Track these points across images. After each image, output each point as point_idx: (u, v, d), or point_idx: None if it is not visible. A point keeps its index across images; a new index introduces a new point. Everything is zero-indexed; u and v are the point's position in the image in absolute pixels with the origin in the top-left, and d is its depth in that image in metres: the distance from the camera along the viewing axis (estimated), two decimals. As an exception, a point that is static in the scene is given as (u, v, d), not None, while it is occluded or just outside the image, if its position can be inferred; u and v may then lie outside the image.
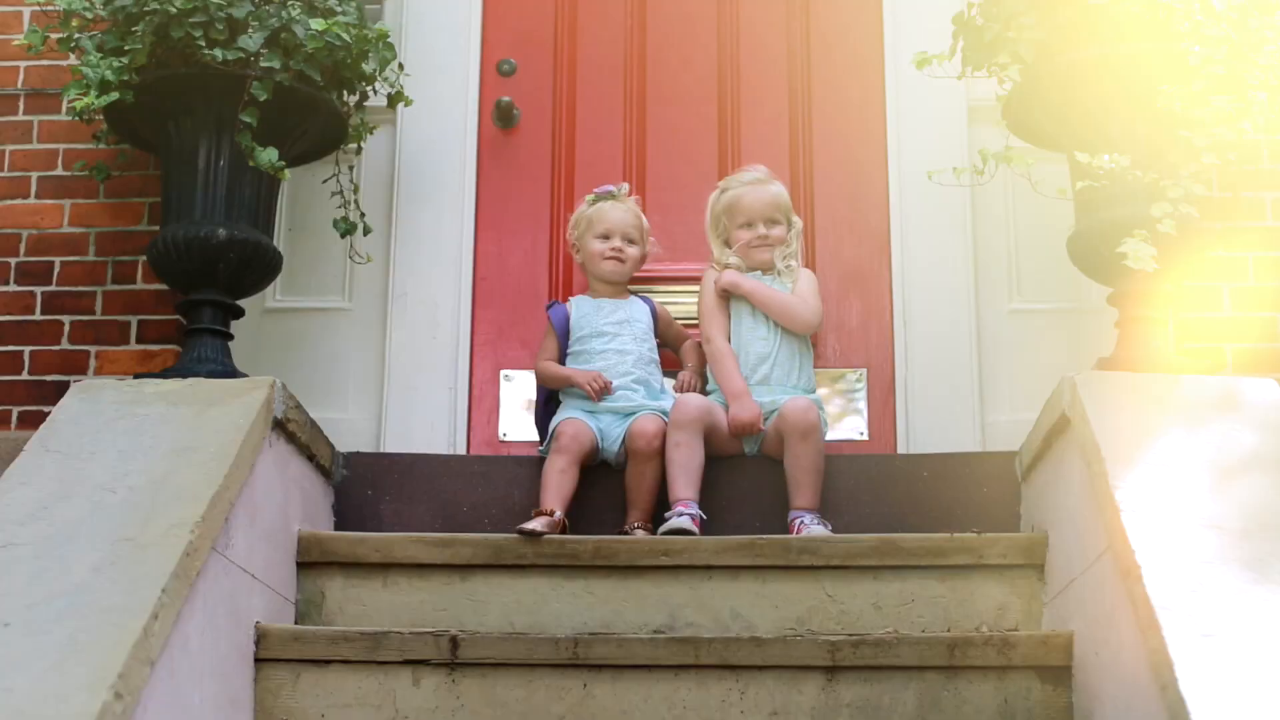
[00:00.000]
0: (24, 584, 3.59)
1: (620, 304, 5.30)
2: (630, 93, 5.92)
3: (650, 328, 5.29)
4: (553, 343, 5.26)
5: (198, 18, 4.74)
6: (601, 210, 5.32)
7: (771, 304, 5.17)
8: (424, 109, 5.67)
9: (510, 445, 5.52)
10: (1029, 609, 4.43)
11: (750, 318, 5.20)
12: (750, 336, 5.18)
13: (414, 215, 5.72)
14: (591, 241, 5.31)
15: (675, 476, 4.85)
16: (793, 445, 4.88)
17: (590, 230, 5.32)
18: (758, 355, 5.14)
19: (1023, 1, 4.75)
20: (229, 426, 4.27)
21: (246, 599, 4.17)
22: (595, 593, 4.49)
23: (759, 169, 5.37)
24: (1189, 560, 3.52)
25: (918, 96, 5.64)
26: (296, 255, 5.63)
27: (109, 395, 4.48)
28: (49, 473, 4.09)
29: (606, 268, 5.30)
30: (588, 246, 5.32)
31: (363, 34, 5.04)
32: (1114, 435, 4.01)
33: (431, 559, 4.56)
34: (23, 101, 5.54)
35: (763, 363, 5.13)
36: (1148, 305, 4.71)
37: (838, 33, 5.90)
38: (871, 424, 5.52)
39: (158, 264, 4.94)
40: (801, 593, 4.46)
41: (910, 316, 5.55)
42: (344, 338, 5.68)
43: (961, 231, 5.57)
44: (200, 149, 4.91)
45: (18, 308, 5.35)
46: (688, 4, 5.98)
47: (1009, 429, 5.26)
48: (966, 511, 4.87)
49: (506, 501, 4.99)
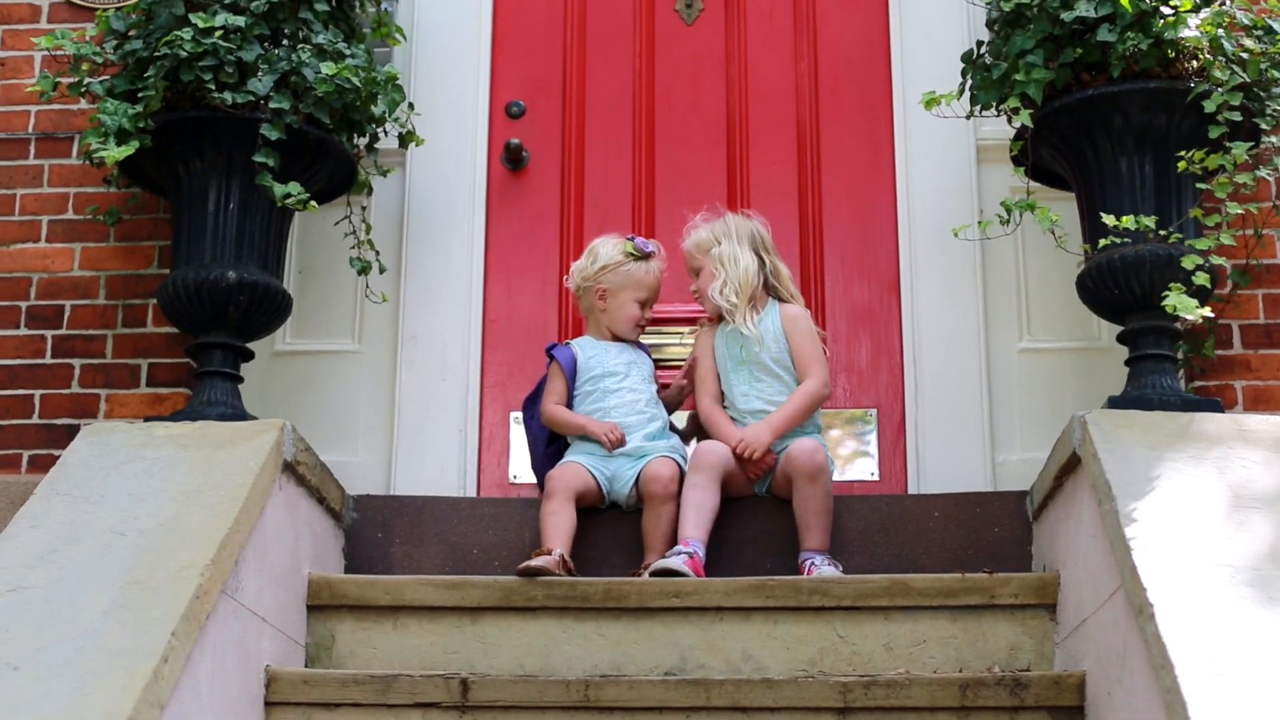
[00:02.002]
0: (34, 627, 3.59)
1: (624, 347, 5.28)
2: (639, 134, 5.93)
3: (652, 372, 5.29)
4: (560, 385, 5.21)
5: (208, 61, 4.77)
6: (647, 273, 5.26)
7: (796, 418, 5.06)
8: (433, 151, 5.69)
9: (521, 487, 5.50)
10: (1041, 649, 4.41)
11: (749, 379, 5.15)
12: (751, 392, 5.14)
13: (423, 257, 5.73)
14: (629, 304, 5.25)
15: (686, 516, 4.83)
16: (801, 487, 4.86)
17: (630, 289, 5.25)
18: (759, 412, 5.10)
19: (1030, 40, 4.76)
20: (239, 469, 4.27)
21: (256, 642, 4.16)
22: (606, 635, 4.47)
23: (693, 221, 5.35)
24: (1202, 599, 3.51)
25: (926, 136, 5.64)
26: (306, 298, 5.64)
27: (119, 438, 4.48)
28: (59, 516, 4.09)
29: (635, 335, 5.30)
30: (623, 305, 5.24)
31: (372, 77, 5.06)
32: (1125, 473, 4.00)
33: (442, 601, 4.55)
34: (33, 145, 5.57)
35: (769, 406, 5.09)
36: (1158, 343, 4.70)
37: (846, 73, 5.91)
38: (882, 464, 5.51)
39: (168, 307, 4.95)
40: (813, 634, 4.44)
41: (920, 356, 5.55)
42: (354, 380, 5.68)
43: (971, 270, 5.56)
44: (210, 192, 4.92)
45: (28, 351, 5.36)
46: (696, 45, 6.00)
47: (1019, 468, 5.25)
48: (978, 551, 4.86)
49: (517, 544, 4.97)
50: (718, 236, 5.20)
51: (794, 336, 5.13)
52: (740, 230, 5.21)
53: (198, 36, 4.77)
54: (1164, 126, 4.69)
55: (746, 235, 5.20)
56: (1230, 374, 5.17)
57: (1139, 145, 4.72)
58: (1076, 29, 4.72)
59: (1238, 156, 4.50)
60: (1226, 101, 4.54)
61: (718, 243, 5.19)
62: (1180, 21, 4.60)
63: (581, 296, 5.35)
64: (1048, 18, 4.75)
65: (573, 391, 5.21)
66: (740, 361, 5.13)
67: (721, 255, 5.17)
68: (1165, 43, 4.63)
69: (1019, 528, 4.89)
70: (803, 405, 5.05)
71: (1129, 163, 4.73)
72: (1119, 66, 4.65)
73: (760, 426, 5.00)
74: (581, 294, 5.34)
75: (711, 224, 5.25)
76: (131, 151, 4.71)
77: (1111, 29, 4.64)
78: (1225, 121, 4.54)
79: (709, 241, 5.21)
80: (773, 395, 5.09)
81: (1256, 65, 4.63)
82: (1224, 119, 4.54)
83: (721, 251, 5.17)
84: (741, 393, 5.12)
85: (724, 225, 5.23)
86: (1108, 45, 4.66)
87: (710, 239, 5.21)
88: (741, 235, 5.19)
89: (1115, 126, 4.72)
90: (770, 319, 5.15)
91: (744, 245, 5.17)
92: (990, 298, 5.58)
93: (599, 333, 5.31)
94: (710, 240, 5.21)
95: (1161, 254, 4.57)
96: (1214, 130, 4.54)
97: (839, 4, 5.98)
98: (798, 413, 5.04)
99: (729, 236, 5.19)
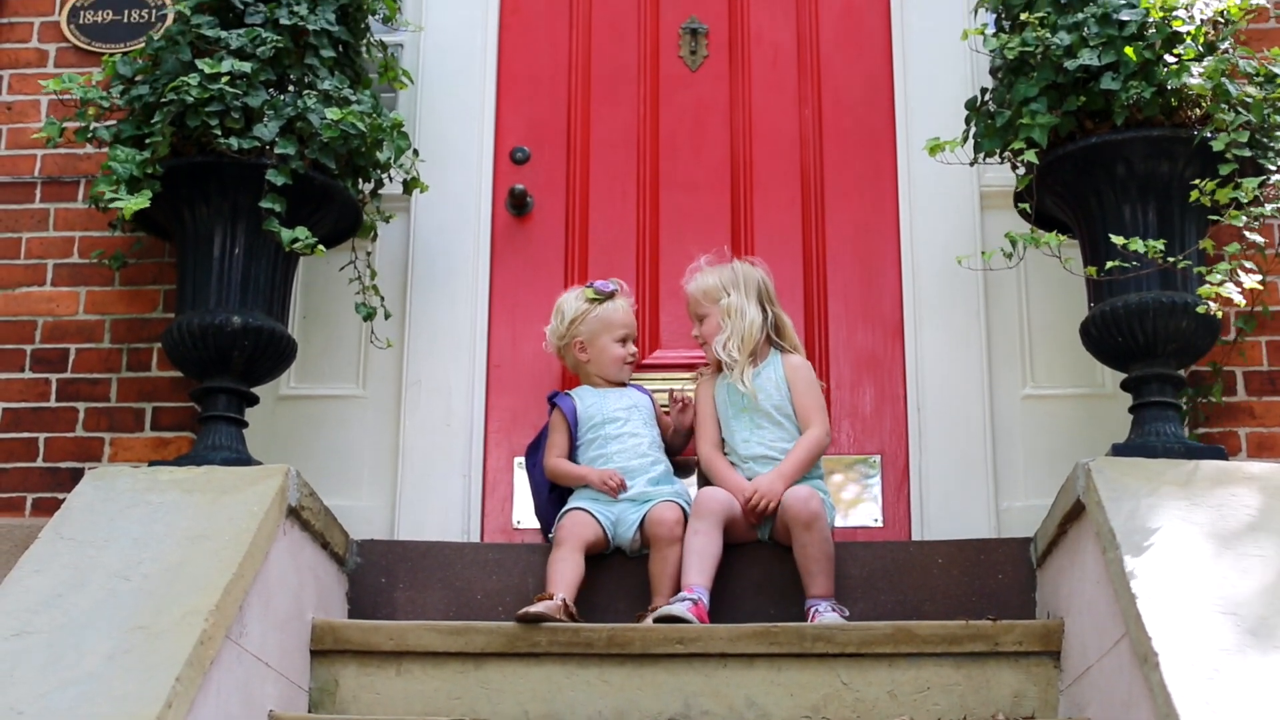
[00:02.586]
0: (38, 672, 3.59)
1: (623, 391, 5.30)
2: (643, 180, 5.94)
3: (653, 413, 5.29)
4: (562, 437, 5.22)
5: (214, 107, 4.79)
6: (615, 311, 5.30)
7: (804, 468, 5.07)
8: (438, 196, 5.71)
9: (524, 533, 5.50)
10: (1045, 696, 4.41)
11: (750, 425, 5.15)
12: (752, 439, 5.15)
13: (428, 302, 5.74)
14: (610, 345, 5.28)
15: (689, 563, 4.82)
16: (798, 535, 4.85)
17: (607, 333, 5.29)
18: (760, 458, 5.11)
19: (1034, 88, 4.78)
20: (243, 514, 4.28)
21: (260, 687, 4.16)
22: (610, 681, 4.47)
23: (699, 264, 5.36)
24: (1206, 646, 3.51)
25: (930, 182, 5.66)
26: (311, 342, 5.65)
27: (123, 483, 4.49)
28: (63, 560, 4.10)
29: (626, 373, 5.33)
30: (604, 348, 5.27)
31: (377, 123, 5.07)
32: (1129, 521, 4.01)
33: (445, 647, 4.55)
34: (39, 189, 5.59)
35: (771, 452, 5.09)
36: (1161, 390, 4.71)
37: (850, 119, 5.92)
38: (886, 510, 5.50)
39: (172, 351, 4.96)
40: (817, 680, 4.44)
41: (924, 402, 5.55)
42: (358, 425, 5.68)
43: (975, 317, 5.57)
44: (215, 237, 4.93)
45: (33, 395, 5.37)
46: (700, 91, 6.01)
47: (1023, 515, 5.25)
48: (982, 598, 4.86)
49: (521, 589, 4.97)
50: (726, 287, 5.20)
51: (796, 386, 5.14)
52: (749, 281, 5.21)
53: (204, 82, 4.79)
54: (1167, 174, 4.71)
55: (754, 287, 5.21)
56: (1234, 421, 5.18)
57: (1142, 193, 4.73)
58: (1080, 77, 4.73)
59: (1248, 191, 4.51)
60: (1235, 139, 4.56)
61: (726, 293, 5.19)
62: (1184, 70, 4.62)
63: (564, 356, 5.38)
64: (1051, 66, 4.76)
65: (576, 440, 5.21)
66: (741, 409, 5.14)
67: (730, 307, 5.18)
68: (1169, 91, 4.65)
69: (1023, 574, 4.88)
70: (810, 454, 5.07)
71: (1132, 210, 4.74)
72: (1122, 114, 4.67)
73: (772, 476, 5.00)
74: (563, 353, 5.38)
75: (719, 271, 5.25)
76: (146, 203, 4.71)
77: (1115, 77, 4.66)
78: (1234, 158, 4.56)
79: (717, 291, 5.21)
80: (774, 442, 5.09)
81: (1260, 108, 4.65)
82: (1232, 155, 4.55)
83: (730, 303, 5.18)
84: (743, 439, 5.12)
85: (733, 274, 5.23)
86: (1111, 93, 4.68)
87: (719, 288, 5.21)
88: (750, 287, 5.20)
89: (1119, 174, 4.73)
90: (772, 368, 5.16)
91: (751, 298, 5.19)
92: (994, 344, 5.59)
93: (592, 383, 5.33)
94: (719, 290, 5.21)
95: (1165, 301, 4.58)
96: (1224, 167, 4.55)
97: (843, 50, 6.01)
98: (804, 463, 5.06)
99: (738, 287, 5.20)
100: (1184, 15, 4.69)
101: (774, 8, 6.08)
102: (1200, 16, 4.75)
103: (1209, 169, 4.63)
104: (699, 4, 6.11)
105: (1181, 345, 4.66)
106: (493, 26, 6.09)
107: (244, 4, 5.03)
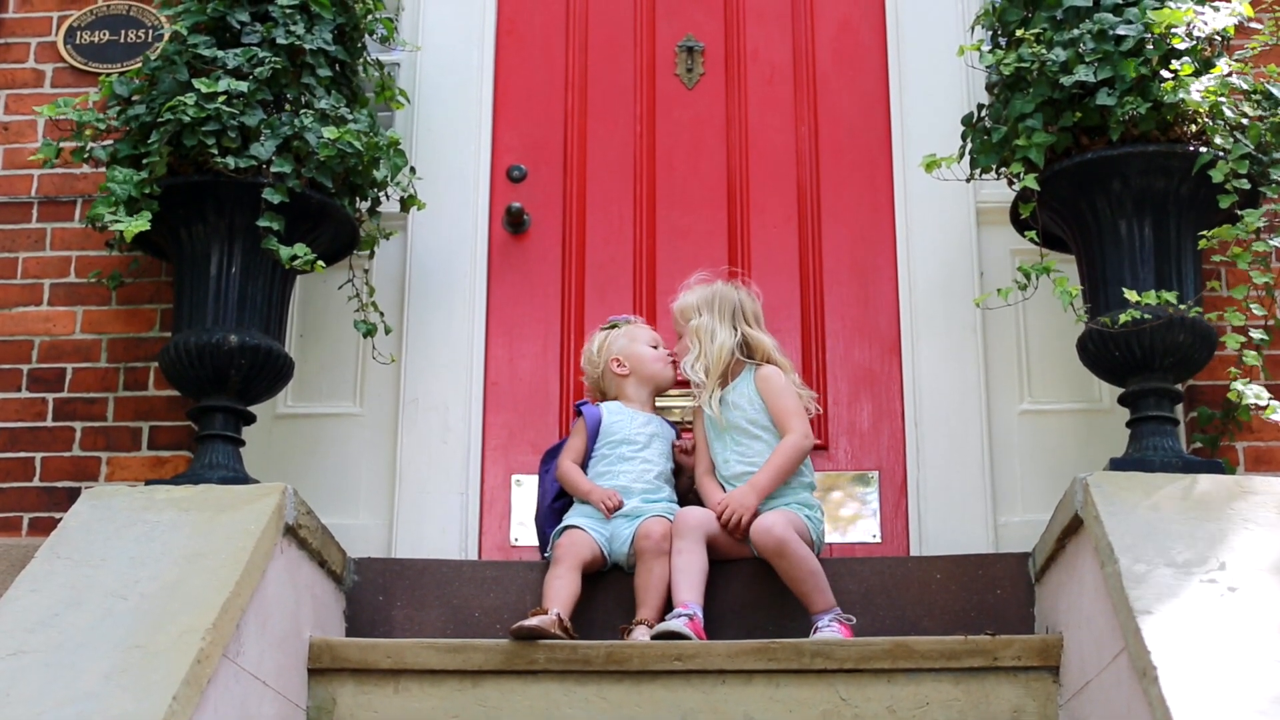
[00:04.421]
0: (35, 692, 3.58)
1: (651, 418, 5.29)
2: (640, 198, 5.94)
3: (670, 448, 5.28)
4: (580, 442, 5.22)
5: (211, 126, 4.80)
6: (639, 328, 5.36)
7: (782, 474, 5.02)
8: (435, 215, 5.72)
9: (522, 550, 5.49)
10: (1044, 711, 4.40)
11: (731, 444, 5.12)
12: (732, 457, 5.13)
13: (425, 320, 5.74)
14: (644, 349, 5.30)
15: (678, 581, 4.80)
16: (774, 563, 4.82)
17: (637, 344, 5.30)
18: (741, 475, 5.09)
19: (1030, 104, 4.78)
20: (240, 533, 4.27)
21: (257, 706, 4.15)
22: (608, 698, 4.46)
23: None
24: (1206, 661, 3.50)
25: (926, 198, 5.66)
26: (308, 361, 5.65)
27: (120, 502, 4.48)
28: (60, 579, 4.09)
29: (670, 371, 5.33)
30: (640, 355, 5.28)
31: (374, 141, 5.07)
32: (1127, 535, 4.01)
33: (443, 665, 4.54)
34: (36, 209, 5.60)
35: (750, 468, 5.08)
36: (1159, 405, 4.71)
37: (846, 136, 5.93)
38: (884, 526, 5.50)
39: (169, 370, 4.96)
40: (815, 696, 4.43)
41: (921, 418, 5.55)
42: (355, 443, 5.68)
43: (971, 332, 5.57)
44: (212, 256, 4.93)
45: (29, 414, 5.37)
46: (697, 109, 6.02)
47: (1021, 530, 5.24)
48: (980, 613, 4.85)
49: (519, 607, 4.96)
50: (700, 307, 5.20)
51: (767, 396, 5.10)
52: (724, 302, 5.20)
53: (201, 102, 4.79)
54: (1163, 189, 4.71)
55: (729, 308, 5.18)
56: (1231, 435, 5.17)
57: (1138, 208, 4.73)
58: (1076, 93, 4.74)
59: (1249, 225, 4.51)
60: (1234, 170, 4.55)
61: (699, 314, 5.19)
62: (1180, 86, 4.62)
63: (604, 379, 5.36)
64: (1047, 82, 4.76)
65: (591, 450, 5.21)
66: (722, 429, 5.12)
67: (699, 328, 5.17)
68: (1165, 107, 4.64)
69: (1021, 590, 4.88)
70: (786, 460, 5.01)
71: (1128, 225, 4.74)
72: (1118, 130, 4.67)
73: (744, 489, 4.98)
74: (603, 382, 5.37)
75: (699, 291, 5.24)
76: (146, 225, 4.71)
77: (1111, 93, 4.66)
78: (1234, 190, 4.55)
79: (690, 311, 5.22)
80: (753, 457, 5.06)
81: (1257, 131, 4.65)
82: (1232, 187, 4.55)
83: (699, 324, 5.17)
84: (723, 459, 5.11)
85: (709, 295, 5.22)
86: (1107, 109, 4.68)
87: (693, 308, 5.21)
88: (724, 309, 5.18)
89: (1114, 189, 4.74)
90: (745, 383, 5.14)
91: (724, 319, 5.17)
92: (991, 359, 5.59)
93: (626, 399, 5.31)
94: (692, 310, 5.22)
95: (1161, 317, 4.57)
96: (1224, 200, 4.54)
97: (839, 67, 6.02)
98: (782, 469, 5.01)
99: (711, 308, 5.19)
100: (1181, 32, 4.69)
101: (770, 25, 6.10)
102: (1198, 34, 4.75)
103: (1205, 185, 4.63)
104: (695, 22, 6.12)
105: (1179, 359, 4.66)
106: (489, 45, 6.11)
107: (241, 24, 5.03)
